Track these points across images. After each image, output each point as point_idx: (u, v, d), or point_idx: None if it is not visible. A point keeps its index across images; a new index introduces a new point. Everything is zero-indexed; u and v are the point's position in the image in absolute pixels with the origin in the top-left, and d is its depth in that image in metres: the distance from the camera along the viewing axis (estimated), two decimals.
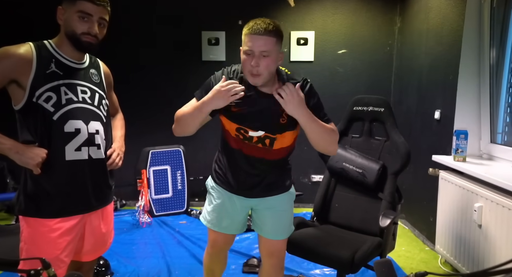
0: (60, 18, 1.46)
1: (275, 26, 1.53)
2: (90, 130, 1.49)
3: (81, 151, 1.47)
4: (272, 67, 1.55)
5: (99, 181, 1.57)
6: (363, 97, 2.46)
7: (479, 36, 2.72)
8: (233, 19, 4.00)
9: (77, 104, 1.47)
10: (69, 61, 1.50)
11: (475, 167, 2.48)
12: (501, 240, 2.15)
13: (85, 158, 1.48)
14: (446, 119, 2.93)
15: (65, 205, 1.47)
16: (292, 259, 2.80)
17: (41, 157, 1.38)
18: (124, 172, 4.14)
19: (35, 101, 1.40)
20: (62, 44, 1.49)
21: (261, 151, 1.71)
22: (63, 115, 1.43)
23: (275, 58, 1.55)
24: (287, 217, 1.88)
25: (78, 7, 1.42)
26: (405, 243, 3.23)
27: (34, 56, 1.42)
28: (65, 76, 1.47)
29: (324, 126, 1.61)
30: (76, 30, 1.44)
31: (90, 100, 1.52)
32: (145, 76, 4.06)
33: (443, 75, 2.99)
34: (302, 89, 1.60)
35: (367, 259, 2.01)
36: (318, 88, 1.79)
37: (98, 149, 1.52)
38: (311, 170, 4.16)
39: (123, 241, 3.26)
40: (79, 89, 1.49)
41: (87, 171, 1.50)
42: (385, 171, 2.28)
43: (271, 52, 1.51)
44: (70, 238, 1.49)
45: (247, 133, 1.67)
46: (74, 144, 1.46)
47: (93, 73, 1.59)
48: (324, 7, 3.96)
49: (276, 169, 1.81)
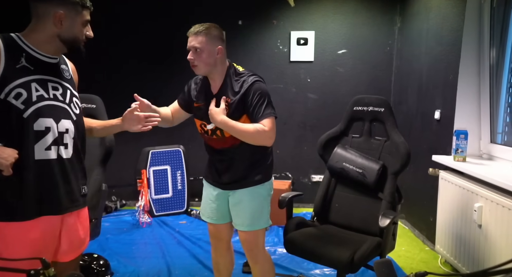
0: (58, 22, 1.40)
1: (205, 28, 1.83)
2: (60, 129, 1.43)
3: (50, 150, 1.41)
4: (206, 59, 1.84)
5: (70, 181, 1.50)
6: (363, 97, 2.46)
7: (479, 36, 2.72)
8: (233, 19, 4.00)
9: (48, 101, 1.41)
10: (41, 55, 1.43)
11: (475, 167, 2.48)
12: (501, 240, 2.15)
13: (54, 157, 1.43)
14: (446, 119, 2.93)
15: (36, 206, 1.40)
16: (292, 259, 2.80)
17: (14, 157, 1.31)
18: (124, 172, 4.17)
19: (3, 98, 1.32)
20: (41, 41, 1.42)
21: (219, 141, 1.93)
22: (34, 113, 1.36)
23: (209, 53, 1.83)
24: (254, 210, 1.97)
25: (85, 16, 1.45)
26: (405, 243, 3.23)
27: (1, 49, 1.34)
28: (36, 72, 1.40)
29: (242, 130, 1.82)
30: (80, 37, 1.46)
31: (62, 98, 1.46)
32: (145, 76, 4.06)
33: (443, 75, 2.99)
34: (241, 87, 1.86)
35: (367, 259, 2.01)
36: (318, 88, 1.80)
37: (65, 148, 1.46)
38: (311, 170, 4.16)
39: (123, 241, 3.26)
40: (50, 86, 1.43)
41: (57, 171, 1.44)
42: (385, 171, 2.28)
43: (202, 48, 1.82)
44: (43, 240, 1.42)
45: (206, 127, 1.93)
46: (44, 142, 1.39)
47: (64, 69, 1.53)
48: (324, 7, 3.96)
49: (243, 159, 1.94)
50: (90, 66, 4.05)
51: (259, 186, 1.96)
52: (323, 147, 2.51)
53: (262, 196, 1.99)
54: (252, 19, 4.01)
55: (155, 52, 4.07)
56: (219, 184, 2.02)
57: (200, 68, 1.87)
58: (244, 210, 1.98)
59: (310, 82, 4.06)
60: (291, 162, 4.17)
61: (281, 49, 4.04)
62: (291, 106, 4.11)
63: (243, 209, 1.98)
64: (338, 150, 2.43)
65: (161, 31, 4.04)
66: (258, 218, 1.99)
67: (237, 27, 4.02)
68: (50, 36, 1.42)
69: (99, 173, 2.39)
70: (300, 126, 4.15)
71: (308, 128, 4.14)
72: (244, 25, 4.02)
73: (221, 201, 2.04)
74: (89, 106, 2.55)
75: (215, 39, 1.85)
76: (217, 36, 1.87)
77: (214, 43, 1.85)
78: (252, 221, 1.98)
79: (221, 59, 1.89)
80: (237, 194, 1.98)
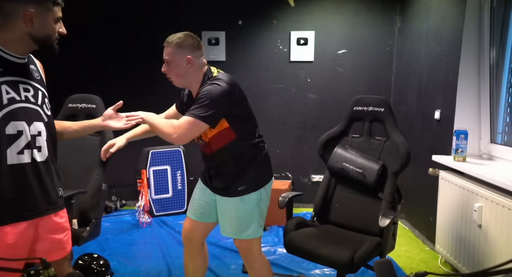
0: (29, 20, 1.34)
1: (174, 38, 1.81)
2: (33, 132, 1.39)
3: (23, 154, 1.36)
4: (175, 71, 1.82)
5: (46, 184, 1.45)
6: (363, 97, 2.46)
7: (479, 36, 2.72)
8: (233, 19, 4.00)
9: (19, 104, 1.35)
10: (10, 56, 1.37)
11: (475, 167, 2.48)
12: (501, 240, 2.15)
13: (28, 161, 1.38)
14: (446, 119, 2.93)
15: (11, 211, 1.36)
16: (292, 259, 2.80)
17: None
18: (124, 172, 4.17)
19: None
20: (10, 41, 1.36)
21: (205, 147, 1.93)
22: (5, 117, 1.32)
23: (178, 64, 1.80)
24: (241, 219, 1.93)
25: (57, 13, 1.40)
26: (405, 243, 3.23)
27: None
28: (5, 73, 1.34)
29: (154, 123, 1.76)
30: (53, 35, 1.41)
31: (34, 99, 1.41)
32: (145, 76, 4.06)
33: (443, 75, 2.99)
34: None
35: (366, 259, 2.01)
36: (318, 88, 1.79)
37: (39, 151, 1.42)
38: (311, 170, 4.16)
39: (123, 241, 3.26)
40: (21, 87, 1.38)
41: (32, 175, 1.40)
42: (385, 171, 2.28)
43: (170, 59, 1.81)
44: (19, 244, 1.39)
45: None
46: (16, 146, 1.35)
47: (33, 69, 1.47)
48: (324, 7, 3.96)
49: (227, 168, 1.92)
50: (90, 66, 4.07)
51: (244, 197, 1.90)
52: (323, 147, 2.51)
53: (249, 205, 1.91)
54: (252, 19, 4.01)
55: (155, 52, 4.07)
56: (210, 187, 2.02)
57: (173, 80, 1.86)
58: (231, 219, 1.95)
59: (310, 82, 4.06)
60: (291, 162, 4.17)
61: (281, 49, 4.04)
62: (291, 106, 4.11)
63: (229, 218, 1.95)
64: (338, 150, 2.43)
65: (161, 31, 4.03)
66: (246, 227, 1.93)
67: (237, 27, 4.02)
68: (20, 35, 1.36)
69: (99, 173, 2.40)
70: (300, 126, 4.15)
71: (308, 128, 4.14)
72: (244, 25, 4.02)
73: (210, 199, 2.02)
74: (89, 106, 2.55)
75: (184, 49, 1.80)
76: (187, 45, 1.80)
77: (183, 53, 1.80)
78: (239, 229, 1.94)
79: (193, 69, 1.83)
80: (224, 201, 1.95)
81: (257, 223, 1.95)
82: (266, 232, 3.45)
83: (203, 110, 1.71)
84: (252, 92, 4.12)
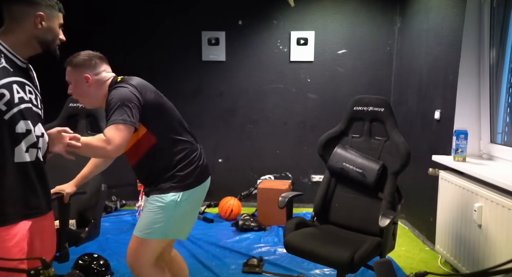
0: (39, 23, 1.40)
1: (70, 58, 1.75)
2: (37, 133, 1.42)
3: (29, 152, 1.39)
4: (76, 90, 1.77)
5: (47, 183, 1.49)
6: (363, 97, 2.46)
7: (479, 36, 2.72)
8: (233, 19, 4.00)
9: (27, 104, 1.39)
10: (16, 59, 1.42)
11: (475, 167, 2.48)
12: (501, 240, 2.15)
13: (33, 159, 1.41)
14: (446, 119, 2.93)
15: (18, 209, 1.38)
16: (292, 259, 2.80)
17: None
18: (124, 172, 4.15)
19: None
20: (18, 43, 1.41)
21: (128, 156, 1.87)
22: (16, 115, 1.34)
23: (79, 84, 1.75)
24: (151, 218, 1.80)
25: (61, 19, 1.47)
26: (405, 243, 3.23)
27: None
28: (15, 74, 1.38)
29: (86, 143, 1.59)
30: (57, 38, 1.47)
31: (36, 102, 1.46)
32: (145, 76, 4.05)
33: (443, 75, 2.99)
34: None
35: (366, 259, 2.01)
36: (318, 88, 1.79)
37: (41, 151, 1.46)
38: (311, 170, 4.16)
39: (123, 241, 3.25)
40: (27, 89, 1.42)
41: (35, 174, 1.42)
42: (385, 171, 2.29)
43: (70, 80, 1.77)
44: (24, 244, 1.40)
45: None
46: (24, 145, 1.38)
47: (33, 76, 1.53)
48: (324, 7, 3.96)
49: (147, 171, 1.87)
50: None
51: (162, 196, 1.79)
52: (323, 147, 2.51)
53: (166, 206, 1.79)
54: (252, 19, 4.01)
55: (156, 52, 4.07)
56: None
57: (82, 102, 1.83)
58: (143, 217, 1.84)
59: (310, 82, 4.06)
60: (291, 162, 4.17)
61: (281, 49, 4.04)
62: (291, 106, 4.11)
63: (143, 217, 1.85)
64: (338, 150, 2.43)
65: (161, 31, 4.03)
66: (148, 227, 1.80)
67: (237, 27, 4.02)
68: (28, 38, 1.41)
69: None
70: (300, 126, 4.15)
71: (308, 128, 4.14)
72: (244, 25, 4.02)
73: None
74: None
75: (80, 68, 1.74)
76: (81, 64, 1.74)
77: (80, 72, 1.73)
78: (144, 227, 1.81)
79: (95, 87, 1.76)
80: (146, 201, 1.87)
81: (172, 227, 1.83)
82: (266, 232, 3.46)
83: (119, 114, 1.63)
84: (252, 92, 4.13)
